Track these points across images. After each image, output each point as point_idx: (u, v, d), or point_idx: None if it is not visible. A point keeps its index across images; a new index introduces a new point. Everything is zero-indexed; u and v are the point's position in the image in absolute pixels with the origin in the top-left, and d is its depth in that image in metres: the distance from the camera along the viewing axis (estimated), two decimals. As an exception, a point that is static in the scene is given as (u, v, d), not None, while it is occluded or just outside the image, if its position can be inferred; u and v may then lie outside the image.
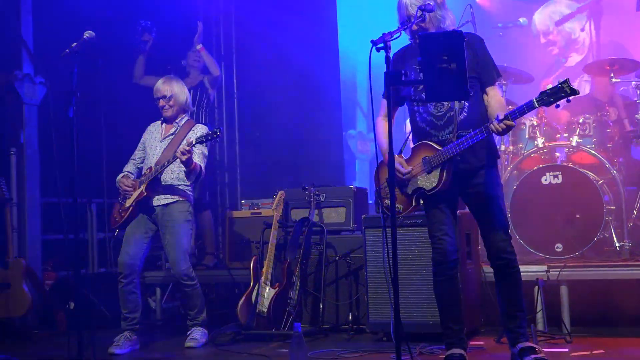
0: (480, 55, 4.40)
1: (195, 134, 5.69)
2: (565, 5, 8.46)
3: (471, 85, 4.29)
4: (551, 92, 3.99)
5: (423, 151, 4.41)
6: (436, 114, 4.39)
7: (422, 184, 4.41)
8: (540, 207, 5.97)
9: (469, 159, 4.36)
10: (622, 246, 5.84)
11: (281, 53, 8.59)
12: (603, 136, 6.45)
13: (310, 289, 6.12)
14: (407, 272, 5.35)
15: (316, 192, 6.36)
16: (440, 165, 4.32)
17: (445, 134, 4.36)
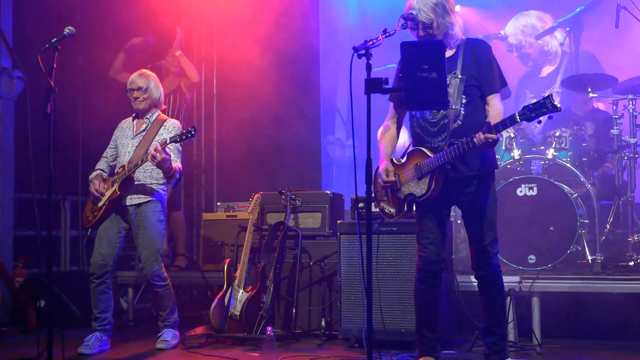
0: (483, 62, 4.38)
1: (168, 131, 5.65)
2: (536, 18, 8.49)
3: (469, 92, 4.34)
4: (534, 107, 3.98)
5: (416, 157, 4.42)
6: (430, 120, 4.40)
7: (413, 189, 4.42)
8: (515, 218, 6.01)
9: (461, 168, 4.36)
10: (595, 259, 5.89)
11: (262, 56, 8.58)
12: (579, 150, 6.51)
13: (283, 293, 6.10)
14: (381, 280, 5.37)
15: (292, 197, 6.35)
16: (430, 173, 4.33)
17: (438, 141, 4.37)
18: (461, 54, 4.40)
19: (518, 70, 8.55)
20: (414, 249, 5.35)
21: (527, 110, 4.01)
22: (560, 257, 5.87)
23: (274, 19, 8.51)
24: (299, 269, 6.06)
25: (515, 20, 8.54)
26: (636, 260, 6.00)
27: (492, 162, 4.50)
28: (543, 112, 3.96)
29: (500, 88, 4.43)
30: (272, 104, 8.63)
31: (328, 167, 9.15)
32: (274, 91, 8.60)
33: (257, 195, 6.26)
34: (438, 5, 4.32)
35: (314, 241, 6.29)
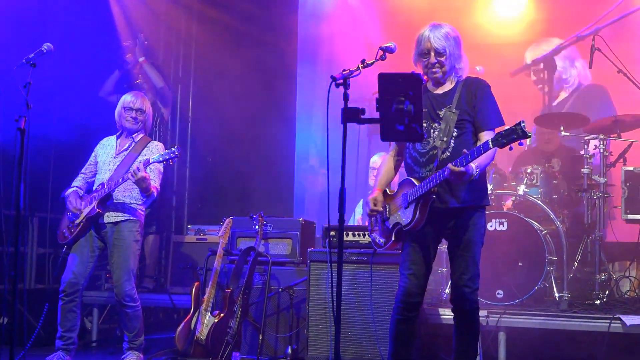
0: (478, 99, 4.42)
1: (151, 151, 5.67)
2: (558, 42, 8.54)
3: (462, 126, 4.37)
4: (505, 133, 3.98)
5: (405, 187, 4.44)
6: (420, 151, 4.43)
7: (399, 218, 4.43)
8: (485, 252, 5.99)
9: (447, 199, 4.35)
10: (562, 297, 5.93)
11: (239, 81, 8.61)
12: (549, 187, 6.58)
13: (250, 319, 6.06)
14: (350, 309, 5.37)
15: (264, 222, 6.33)
16: (415, 202, 4.34)
17: (426, 171, 4.39)
18: (459, 90, 4.46)
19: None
20: (385, 280, 5.38)
21: (499, 136, 4.01)
22: (528, 293, 5.90)
23: (252, 43, 8.56)
24: (268, 295, 6.03)
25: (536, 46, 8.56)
26: (602, 299, 6.05)
27: (482, 196, 4.48)
28: (514, 139, 3.95)
29: (496, 125, 4.44)
30: (247, 128, 8.64)
31: (301, 195, 9.15)
32: (250, 116, 8.63)
33: (229, 219, 6.24)
34: (450, 36, 4.43)
35: (283, 268, 6.26)
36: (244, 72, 8.54)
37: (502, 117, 4.47)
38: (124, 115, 5.80)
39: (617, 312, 5.55)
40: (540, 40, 8.49)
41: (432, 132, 4.40)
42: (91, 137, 6.07)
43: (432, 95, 4.49)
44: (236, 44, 8.60)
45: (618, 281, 6.45)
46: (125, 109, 5.80)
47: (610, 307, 5.89)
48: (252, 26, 8.64)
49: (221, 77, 8.68)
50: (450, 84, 4.50)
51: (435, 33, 4.40)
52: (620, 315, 5.42)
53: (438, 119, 4.41)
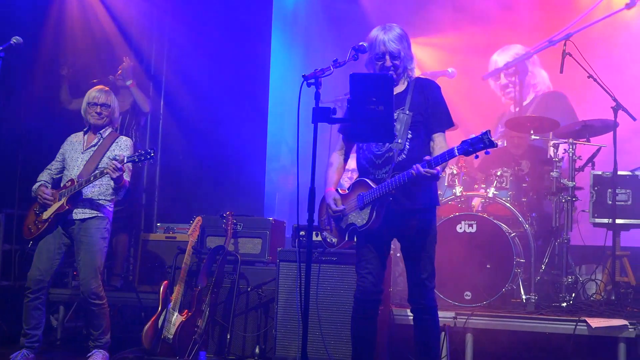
0: (430, 101, 4.45)
1: (120, 148, 5.63)
2: (522, 50, 8.61)
3: (415, 128, 4.38)
4: (472, 142, 4.03)
5: (360, 188, 4.44)
6: (376, 153, 4.44)
7: (354, 219, 4.43)
8: (454, 254, 6.06)
9: (403, 201, 4.38)
10: (529, 299, 5.98)
11: (211, 81, 8.57)
12: (519, 190, 6.64)
13: (219, 318, 6.03)
14: (318, 308, 5.35)
15: (234, 221, 6.31)
16: (371, 203, 4.35)
17: (382, 173, 4.40)
18: (411, 91, 4.47)
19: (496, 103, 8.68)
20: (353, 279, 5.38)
21: (465, 144, 4.05)
22: (496, 295, 5.94)
23: (225, 42, 8.52)
24: (236, 295, 6.01)
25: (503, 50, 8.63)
26: (569, 302, 6.11)
27: (434, 198, 4.56)
28: (480, 147, 4.01)
29: (446, 127, 4.51)
30: (219, 127, 8.59)
31: (271, 194, 9.13)
32: (221, 114, 8.59)
33: (198, 217, 6.21)
34: (403, 37, 4.44)
35: (253, 267, 6.25)
36: (215, 71, 8.49)
37: (451, 118, 4.53)
38: (89, 111, 5.75)
39: (583, 315, 5.61)
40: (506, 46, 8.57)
41: None
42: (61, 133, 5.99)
43: None
44: (208, 43, 8.55)
45: (584, 284, 6.51)
46: (90, 105, 5.75)
47: (576, 309, 5.96)
48: (225, 24, 8.60)
49: (193, 76, 8.63)
50: (402, 85, 4.52)
51: (389, 35, 4.40)
52: (586, 318, 5.47)
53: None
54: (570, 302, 6.11)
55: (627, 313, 5.78)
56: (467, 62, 8.45)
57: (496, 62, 8.57)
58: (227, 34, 8.58)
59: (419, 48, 8.61)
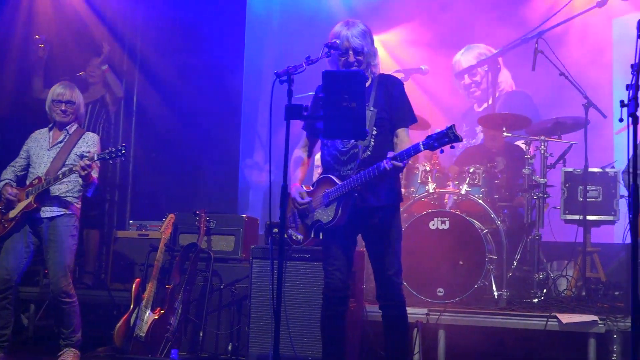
0: (395, 97, 4.46)
1: (87, 144, 5.58)
2: (485, 49, 8.67)
3: (380, 124, 4.39)
4: (437, 136, 4.04)
5: (325, 185, 4.44)
6: (341, 149, 4.44)
7: (320, 216, 4.44)
8: (426, 251, 6.09)
9: (368, 198, 4.38)
10: (501, 295, 6.02)
11: (184, 76, 8.53)
12: (491, 187, 6.66)
13: (192, 316, 6.01)
14: (292, 306, 5.35)
15: (207, 218, 6.29)
16: (336, 200, 4.36)
17: (347, 170, 4.40)
18: (375, 87, 4.49)
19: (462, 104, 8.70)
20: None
21: (430, 139, 4.07)
22: (468, 291, 5.96)
23: (197, 39, 8.48)
24: (209, 292, 5.99)
25: (467, 50, 8.66)
26: (540, 298, 6.15)
27: (398, 194, 4.57)
28: (445, 142, 4.02)
29: (410, 123, 4.52)
30: (192, 124, 8.57)
31: (245, 191, 9.11)
32: (195, 111, 8.55)
33: (171, 215, 6.18)
34: (367, 33, 4.44)
35: (226, 264, 6.24)
36: (188, 68, 8.45)
37: (414, 114, 4.56)
38: (53, 108, 5.69)
39: (554, 311, 5.65)
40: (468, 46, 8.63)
41: None
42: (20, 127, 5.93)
43: None
44: (182, 38, 8.51)
45: (555, 280, 6.56)
46: (54, 102, 5.69)
47: (547, 305, 5.99)
48: (199, 20, 8.55)
49: (166, 72, 8.58)
50: (366, 82, 4.52)
51: (352, 31, 4.40)
52: (557, 314, 5.52)
53: None
54: (541, 298, 6.15)
55: (598, 309, 5.83)
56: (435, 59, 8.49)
57: (459, 62, 8.62)
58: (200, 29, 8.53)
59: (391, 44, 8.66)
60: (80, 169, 5.23)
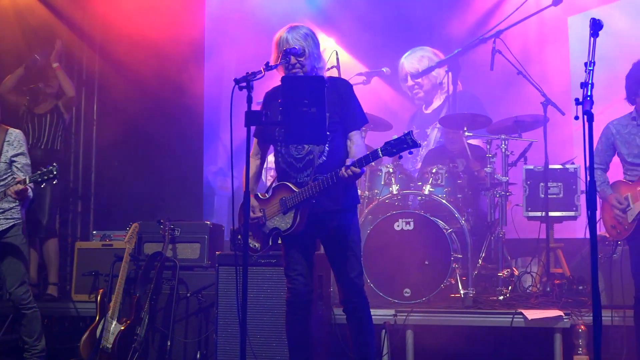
0: (345, 100, 4.45)
1: (13, 147, 5.47)
2: (431, 52, 8.74)
3: (333, 129, 4.37)
4: (395, 142, 4.09)
5: (282, 192, 4.44)
6: (296, 156, 4.43)
7: (278, 224, 4.44)
8: (392, 252, 6.12)
9: (325, 203, 4.38)
10: (467, 294, 6.06)
11: (145, 83, 8.45)
12: (454, 186, 6.71)
13: (158, 325, 5.97)
14: (259, 312, 5.34)
15: (171, 227, 6.25)
16: (295, 207, 4.36)
17: (304, 177, 4.40)
18: (324, 91, 4.48)
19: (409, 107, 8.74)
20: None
21: (388, 145, 4.11)
22: (434, 291, 6.00)
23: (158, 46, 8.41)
24: (176, 301, 5.95)
25: (412, 52, 8.70)
26: (506, 295, 6.21)
27: (354, 197, 4.61)
28: (404, 148, 4.07)
29: (361, 125, 4.55)
30: (155, 131, 8.51)
31: (210, 197, 9.08)
32: (157, 118, 8.50)
33: (135, 224, 6.14)
34: (309, 36, 4.43)
35: (192, 272, 6.20)
36: (149, 74, 8.38)
37: (365, 116, 4.59)
38: None
39: (520, 307, 5.72)
40: (412, 49, 8.70)
41: None
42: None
43: None
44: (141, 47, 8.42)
45: (520, 277, 6.63)
46: None
47: (513, 302, 6.05)
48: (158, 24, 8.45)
49: (126, 78, 8.50)
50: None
51: (293, 34, 4.40)
52: (522, 310, 5.58)
53: None
54: (507, 295, 6.20)
55: (562, 304, 5.90)
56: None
57: (403, 66, 8.68)
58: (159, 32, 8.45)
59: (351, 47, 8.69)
60: (13, 194, 5.17)
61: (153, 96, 8.49)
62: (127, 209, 8.14)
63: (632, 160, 5.06)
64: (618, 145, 5.17)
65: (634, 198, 5.01)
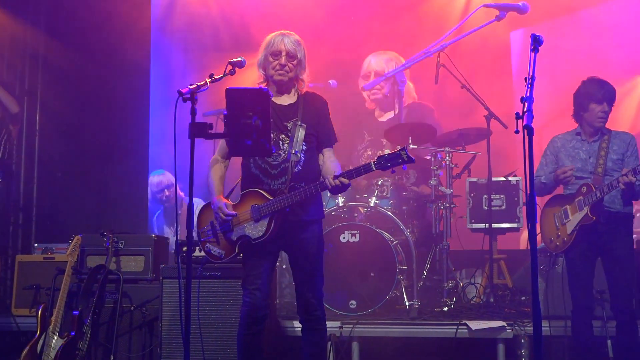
0: (321, 116, 4.55)
1: None
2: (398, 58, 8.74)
3: (309, 140, 4.46)
4: (389, 157, 4.22)
5: (253, 198, 4.42)
6: (272, 163, 4.43)
7: (248, 231, 4.40)
8: (338, 264, 6.13)
9: (299, 213, 4.41)
10: (412, 305, 6.11)
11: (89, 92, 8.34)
12: (399, 199, 6.77)
13: (101, 339, 5.87)
14: (203, 325, 5.28)
15: (115, 239, 6.16)
16: (269, 215, 4.35)
17: (278, 184, 4.40)
18: (302, 104, 4.54)
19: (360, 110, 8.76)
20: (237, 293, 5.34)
21: (382, 160, 4.23)
22: (380, 303, 6.03)
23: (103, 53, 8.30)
24: (119, 314, 5.87)
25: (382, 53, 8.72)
26: (450, 306, 6.27)
27: (322, 209, 4.67)
28: (398, 163, 4.21)
29: (333, 143, 4.64)
30: (99, 141, 8.38)
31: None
32: (102, 128, 8.38)
33: (78, 237, 6.03)
34: (300, 44, 4.53)
35: (136, 285, 6.12)
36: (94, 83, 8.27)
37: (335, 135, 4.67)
38: None
39: (464, 318, 5.79)
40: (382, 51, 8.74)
41: (281, 144, 4.44)
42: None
43: (276, 106, 4.50)
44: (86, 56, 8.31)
45: (465, 288, 6.71)
46: None
47: (457, 313, 6.12)
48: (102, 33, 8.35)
49: (70, 88, 8.36)
50: (293, 96, 4.57)
51: (288, 37, 4.50)
52: (466, 321, 5.64)
53: (286, 131, 4.46)
54: (451, 307, 6.27)
55: (505, 314, 6.00)
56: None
57: (370, 63, 8.67)
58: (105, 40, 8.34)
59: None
60: None
61: (98, 107, 8.38)
62: (70, 221, 7.99)
63: (575, 174, 5.17)
64: (562, 159, 5.28)
65: (572, 210, 5.12)
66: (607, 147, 5.13)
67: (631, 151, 5.15)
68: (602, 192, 4.96)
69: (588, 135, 5.24)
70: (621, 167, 5.11)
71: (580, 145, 5.24)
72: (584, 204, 5.04)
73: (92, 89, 8.33)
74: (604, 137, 5.19)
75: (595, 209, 5.01)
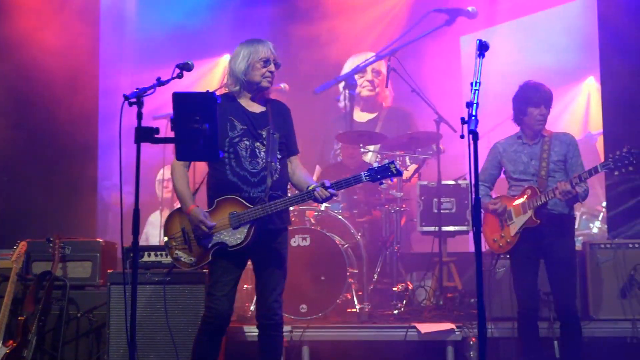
0: (288, 124, 4.57)
1: None
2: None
3: (281, 149, 4.49)
4: (379, 169, 4.31)
5: (230, 206, 4.37)
6: (252, 171, 4.40)
7: (225, 238, 4.36)
8: (289, 268, 6.08)
9: (275, 220, 4.42)
10: (362, 308, 6.12)
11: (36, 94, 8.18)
12: (350, 202, 6.79)
13: (47, 347, 5.77)
14: (152, 331, 5.25)
15: (61, 245, 6.05)
16: (249, 223, 4.32)
17: (258, 192, 4.38)
18: (270, 112, 4.53)
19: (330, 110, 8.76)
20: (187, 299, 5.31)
21: (372, 171, 4.30)
22: (331, 307, 6.03)
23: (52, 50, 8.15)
24: (66, 321, 5.78)
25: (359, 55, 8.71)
26: (400, 309, 6.30)
27: (289, 216, 4.70)
28: (388, 175, 4.32)
29: (298, 151, 4.66)
30: (45, 143, 8.22)
31: (104, 214, 8.86)
32: (47, 129, 8.21)
33: (23, 242, 5.92)
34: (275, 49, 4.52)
35: (83, 291, 6.04)
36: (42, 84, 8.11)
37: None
38: None
39: (414, 321, 5.83)
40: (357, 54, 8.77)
41: (257, 152, 4.42)
42: None
43: (249, 114, 4.49)
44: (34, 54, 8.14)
45: (415, 291, 6.75)
46: None
47: (407, 316, 6.16)
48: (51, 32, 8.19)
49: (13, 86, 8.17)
50: (262, 106, 4.56)
51: (271, 44, 4.51)
52: (416, 324, 5.68)
53: (261, 139, 4.44)
54: (401, 310, 6.31)
55: (455, 317, 6.05)
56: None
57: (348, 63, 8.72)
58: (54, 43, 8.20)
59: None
60: None
61: (45, 109, 8.22)
62: (15, 226, 7.82)
63: (518, 176, 5.25)
64: (505, 163, 5.35)
65: (517, 212, 5.18)
66: (548, 149, 5.21)
67: (572, 152, 5.24)
68: (547, 197, 5.03)
69: (529, 138, 5.31)
70: (563, 168, 5.19)
71: (522, 149, 5.31)
72: (528, 206, 5.10)
73: (39, 92, 8.17)
74: (544, 139, 5.27)
75: (540, 213, 5.08)
